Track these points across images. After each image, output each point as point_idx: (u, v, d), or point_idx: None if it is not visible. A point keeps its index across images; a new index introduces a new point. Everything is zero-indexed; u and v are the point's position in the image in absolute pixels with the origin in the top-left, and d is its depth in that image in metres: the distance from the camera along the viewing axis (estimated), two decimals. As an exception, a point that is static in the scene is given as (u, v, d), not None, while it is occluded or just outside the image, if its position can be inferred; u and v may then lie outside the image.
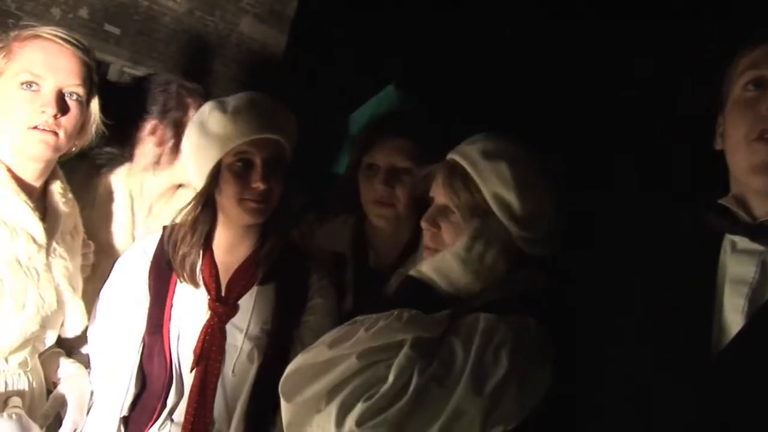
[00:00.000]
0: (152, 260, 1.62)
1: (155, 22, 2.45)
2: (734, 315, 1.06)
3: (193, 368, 1.53)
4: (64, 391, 1.60)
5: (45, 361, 1.65)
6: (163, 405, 1.54)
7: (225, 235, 1.62)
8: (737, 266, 1.09)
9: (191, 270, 1.57)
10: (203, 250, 1.60)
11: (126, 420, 1.58)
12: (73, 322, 1.62)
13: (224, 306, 1.56)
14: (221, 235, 1.62)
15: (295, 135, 1.59)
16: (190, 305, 1.58)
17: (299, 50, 2.85)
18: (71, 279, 1.60)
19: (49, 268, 1.55)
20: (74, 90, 1.52)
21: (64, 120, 1.50)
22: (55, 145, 1.51)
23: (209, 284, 1.58)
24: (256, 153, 1.52)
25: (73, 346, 1.72)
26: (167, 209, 1.87)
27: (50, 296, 1.54)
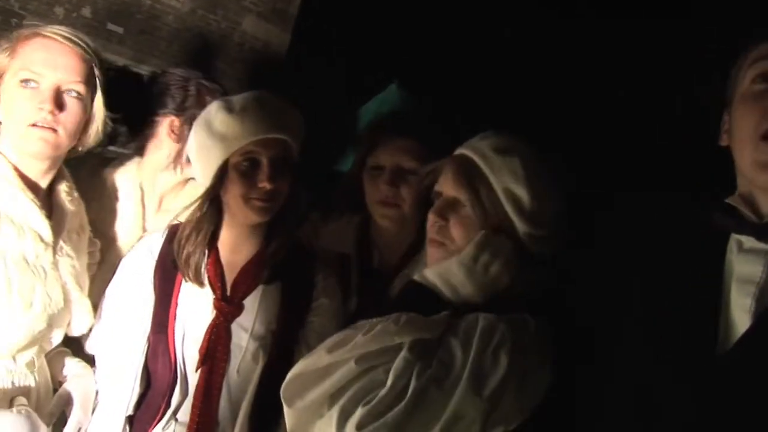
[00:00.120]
0: (157, 259, 1.63)
1: (158, 21, 2.45)
2: (741, 314, 1.06)
3: (199, 368, 1.53)
4: (70, 390, 1.60)
5: (51, 360, 1.65)
6: (168, 404, 1.54)
7: (230, 235, 1.62)
8: (744, 266, 1.09)
9: (196, 269, 1.57)
10: (208, 250, 1.60)
11: (131, 419, 1.59)
12: (80, 321, 1.63)
13: (229, 305, 1.56)
14: (226, 235, 1.62)
15: (302, 134, 1.59)
16: (196, 304, 1.58)
17: (302, 49, 2.84)
18: (78, 277, 1.60)
19: (56, 267, 1.55)
20: (73, 87, 1.52)
21: (64, 117, 1.50)
22: (55, 143, 1.50)
23: (214, 283, 1.58)
24: (263, 152, 1.53)
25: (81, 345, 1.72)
26: (177, 202, 1.87)
27: (57, 294, 1.54)
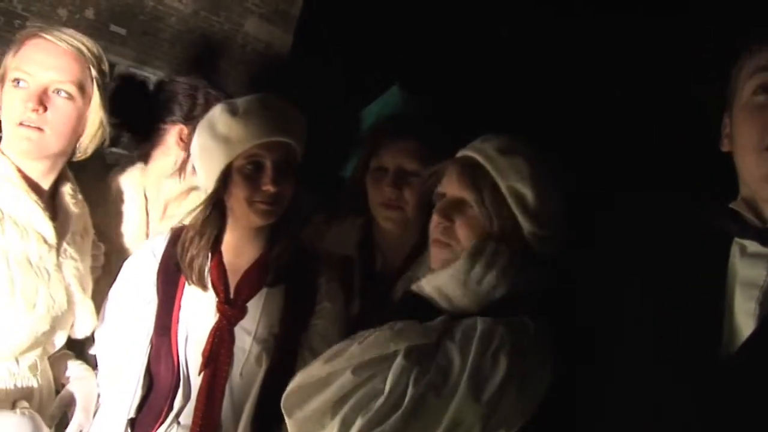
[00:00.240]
0: (160, 262, 1.62)
1: (161, 23, 2.45)
2: (745, 318, 1.06)
3: (202, 371, 1.52)
4: (72, 393, 1.60)
5: (54, 363, 1.65)
6: (170, 407, 1.54)
7: (234, 238, 1.62)
8: (748, 270, 1.09)
9: (200, 272, 1.57)
10: (212, 253, 1.60)
11: (132, 422, 1.58)
12: (83, 323, 1.63)
13: (233, 308, 1.56)
14: (230, 238, 1.62)
15: (305, 137, 1.59)
16: (198, 307, 1.57)
17: (305, 50, 2.84)
18: (81, 280, 1.60)
19: (60, 269, 1.55)
20: (62, 87, 1.51)
21: (51, 117, 1.49)
22: (40, 142, 1.49)
23: (218, 286, 1.58)
24: (267, 155, 1.52)
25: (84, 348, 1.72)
26: (181, 209, 1.86)
27: (61, 296, 1.54)
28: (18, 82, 1.49)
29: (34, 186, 1.54)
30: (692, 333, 1.09)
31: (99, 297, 1.66)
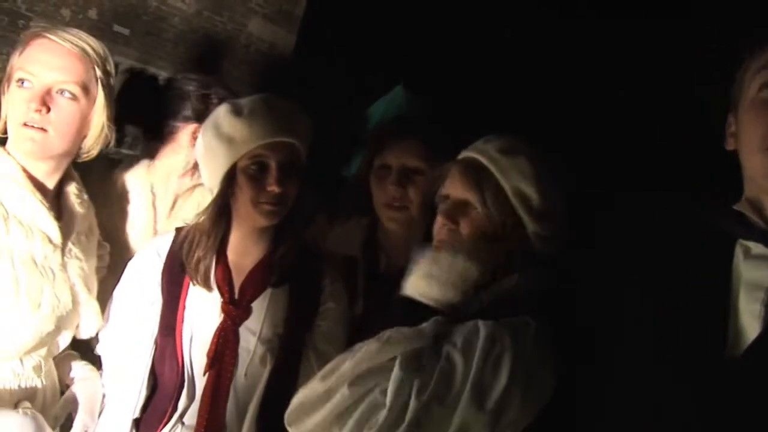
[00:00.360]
0: (165, 262, 1.62)
1: (164, 23, 2.45)
2: (751, 320, 1.06)
3: (206, 371, 1.52)
4: (76, 393, 1.60)
5: (58, 363, 1.64)
6: (174, 408, 1.54)
7: (239, 238, 1.61)
8: (752, 272, 1.09)
9: (205, 273, 1.57)
10: (217, 253, 1.60)
11: (137, 422, 1.58)
12: (88, 323, 1.62)
13: (237, 309, 1.56)
14: (235, 238, 1.62)
15: (310, 137, 1.59)
16: (203, 308, 1.57)
17: (308, 50, 2.84)
18: (86, 280, 1.60)
19: (65, 269, 1.55)
20: (66, 87, 1.51)
21: (55, 117, 1.49)
22: (44, 143, 1.49)
23: (222, 287, 1.58)
24: (271, 156, 1.52)
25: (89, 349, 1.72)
26: (188, 204, 1.88)
27: (66, 296, 1.54)
28: (22, 83, 1.49)
29: (39, 186, 1.54)
30: (697, 335, 1.09)
31: (105, 297, 1.66)
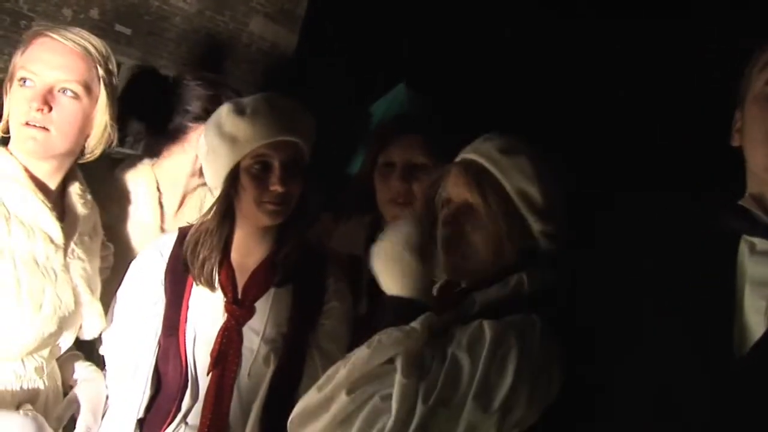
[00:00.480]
0: (168, 262, 1.62)
1: (166, 22, 2.46)
2: (756, 317, 1.05)
3: (210, 371, 1.52)
4: (78, 395, 1.59)
5: (62, 364, 1.64)
6: (178, 408, 1.53)
7: (242, 237, 1.61)
8: (758, 268, 1.08)
9: (210, 274, 1.56)
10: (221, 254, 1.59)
11: (141, 422, 1.57)
12: (91, 324, 1.61)
13: (241, 308, 1.55)
14: (239, 238, 1.61)
15: (313, 136, 1.58)
16: (207, 307, 1.57)
17: (310, 49, 2.85)
18: (89, 280, 1.59)
19: (67, 269, 1.54)
20: (68, 86, 1.50)
21: (57, 116, 1.48)
22: (46, 142, 1.48)
23: (226, 287, 1.57)
24: (274, 155, 1.52)
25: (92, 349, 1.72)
26: (194, 204, 1.88)
27: (68, 297, 1.53)
28: (24, 82, 1.48)
29: (42, 186, 1.53)
30: (702, 333, 1.08)
31: (108, 298, 1.66)
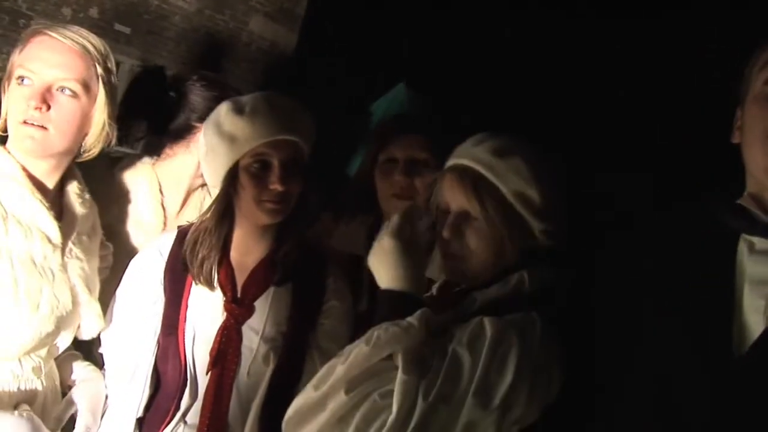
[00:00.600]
0: (167, 261, 1.61)
1: (165, 21, 2.46)
2: (755, 316, 1.05)
3: (209, 370, 1.52)
4: (77, 395, 1.59)
5: (60, 364, 1.63)
6: (177, 407, 1.53)
7: (241, 236, 1.60)
8: (757, 267, 1.08)
9: (209, 273, 1.56)
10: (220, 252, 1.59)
11: (140, 421, 1.57)
12: (90, 324, 1.61)
13: (240, 307, 1.55)
14: (238, 236, 1.61)
15: (313, 135, 1.58)
16: (206, 306, 1.57)
17: (310, 49, 2.85)
18: (87, 280, 1.59)
19: (65, 269, 1.54)
20: (66, 85, 1.49)
21: (55, 115, 1.48)
22: (44, 141, 1.48)
23: (225, 285, 1.57)
24: (274, 154, 1.51)
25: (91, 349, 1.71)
26: (196, 199, 1.88)
27: (65, 297, 1.52)
28: (22, 80, 1.48)
29: (39, 185, 1.53)
30: (702, 332, 1.08)
31: (108, 297, 1.65)
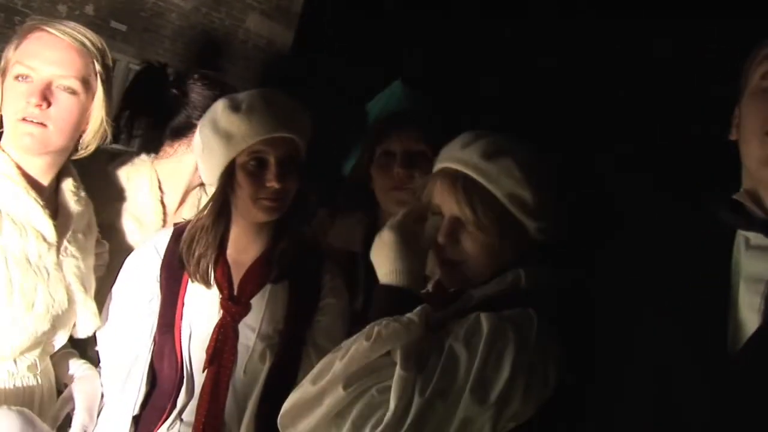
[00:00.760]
0: (163, 259, 1.61)
1: (162, 19, 2.45)
2: (751, 313, 1.05)
3: (206, 368, 1.52)
4: (74, 393, 1.58)
5: (56, 362, 1.63)
6: (173, 405, 1.53)
7: (238, 234, 1.60)
8: (753, 263, 1.08)
9: (206, 271, 1.56)
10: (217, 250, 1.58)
11: (136, 419, 1.57)
12: (85, 323, 1.60)
13: (236, 305, 1.55)
14: (235, 234, 1.60)
15: (309, 132, 1.58)
16: (202, 304, 1.57)
17: (306, 46, 2.85)
18: (83, 279, 1.58)
19: (60, 267, 1.53)
20: (66, 82, 1.48)
21: (54, 112, 1.47)
22: (43, 138, 1.47)
23: (222, 283, 1.57)
24: (270, 152, 1.51)
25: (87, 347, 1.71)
26: (190, 200, 1.88)
27: (61, 295, 1.52)
28: (21, 77, 1.47)
29: (34, 183, 1.52)
30: (697, 329, 1.08)
31: (104, 296, 1.65)
